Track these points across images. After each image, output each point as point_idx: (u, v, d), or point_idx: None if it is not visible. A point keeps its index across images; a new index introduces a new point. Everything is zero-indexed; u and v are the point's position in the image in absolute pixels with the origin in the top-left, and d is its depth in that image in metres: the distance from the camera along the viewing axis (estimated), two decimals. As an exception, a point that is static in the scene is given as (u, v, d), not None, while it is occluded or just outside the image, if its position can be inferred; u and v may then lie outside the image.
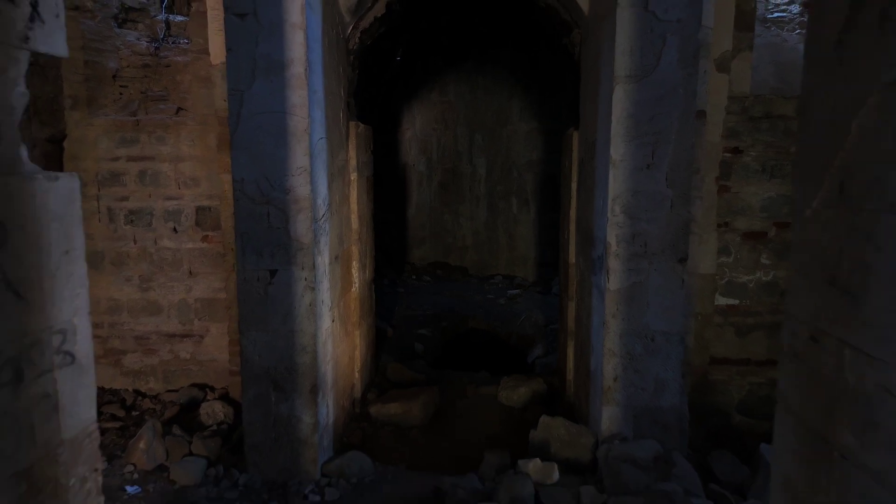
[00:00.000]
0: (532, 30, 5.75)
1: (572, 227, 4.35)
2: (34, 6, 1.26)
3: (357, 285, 4.49)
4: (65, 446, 1.35)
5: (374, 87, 5.93)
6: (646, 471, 3.04)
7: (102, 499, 1.50)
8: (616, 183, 3.25)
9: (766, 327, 4.21)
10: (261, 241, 3.32)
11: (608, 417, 3.39)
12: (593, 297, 3.59)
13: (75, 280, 1.38)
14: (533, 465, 3.14)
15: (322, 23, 3.50)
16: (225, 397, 4.31)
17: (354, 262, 4.44)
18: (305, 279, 3.35)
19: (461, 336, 6.66)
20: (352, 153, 4.36)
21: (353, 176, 4.38)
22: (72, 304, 1.36)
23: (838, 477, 1.15)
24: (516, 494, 2.92)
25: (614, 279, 3.31)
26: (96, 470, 1.46)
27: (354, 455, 3.63)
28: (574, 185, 4.30)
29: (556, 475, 3.12)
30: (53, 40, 1.32)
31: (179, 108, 4.36)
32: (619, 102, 3.20)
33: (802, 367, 1.28)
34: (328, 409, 3.68)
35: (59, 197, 1.32)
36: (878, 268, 1.04)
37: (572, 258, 4.35)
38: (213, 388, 4.47)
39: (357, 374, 4.52)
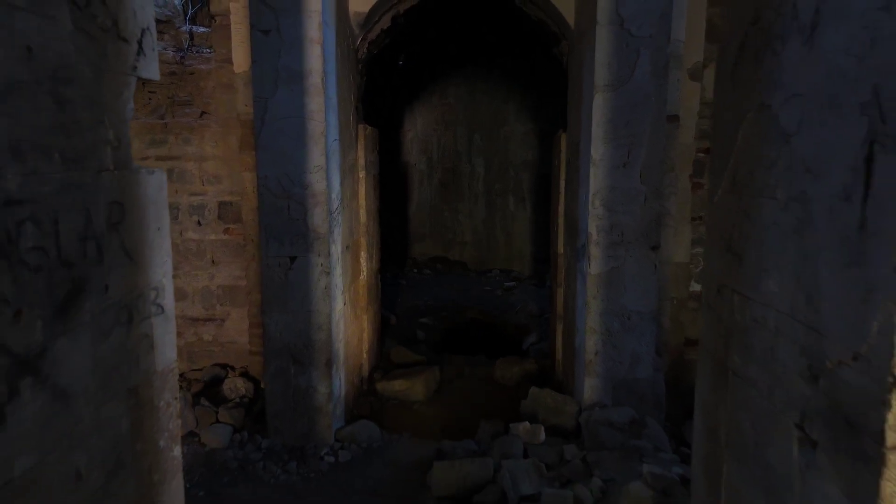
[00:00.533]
0: (529, 38, 6.17)
1: (560, 220, 4.78)
2: (140, 44, 1.68)
3: (365, 274, 4.92)
4: (157, 375, 1.77)
5: (380, 92, 6.35)
6: (621, 431, 3.47)
7: (179, 422, 1.92)
8: (596, 180, 3.68)
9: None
10: (281, 231, 3.75)
11: (590, 387, 3.82)
12: (577, 281, 4.02)
13: (164, 251, 1.80)
14: (522, 427, 3.57)
15: (335, 36, 3.93)
16: (245, 374, 4.74)
17: (363, 253, 4.87)
18: (321, 265, 3.78)
19: (460, 325, 7.08)
20: (360, 153, 4.79)
21: (362, 174, 4.81)
22: (162, 268, 1.79)
23: (731, 390, 1.57)
24: (507, 450, 3.36)
25: (595, 265, 3.73)
26: (175, 399, 1.89)
27: (364, 423, 4.06)
28: (562, 182, 4.73)
29: (542, 436, 3.54)
30: (150, 68, 1.75)
31: (203, 112, 4.78)
32: (599, 109, 3.63)
33: (712, 313, 1.71)
34: (341, 382, 4.11)
35: (154, 187, 1.75)
36: (752, 236, 1.47)
37: (561, 248, 4.78)
38: (233, 368, 4.90)
39: (365, 355, 4.94)
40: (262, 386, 4.54)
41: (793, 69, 1.28)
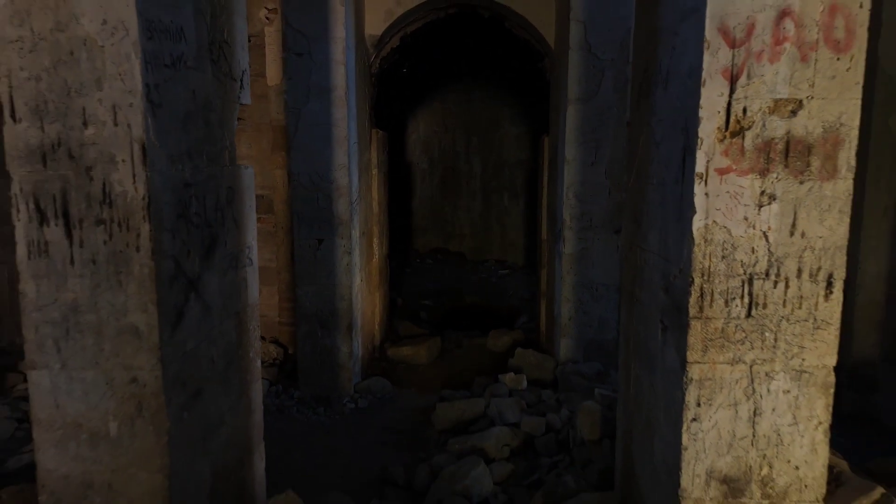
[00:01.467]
0: (519, 53, 6.96)
1: (544, 211, 5.59)
2: (241, 81, 2.49)
3: (377, 257, 5.73)
4: (249, 307, 2.58)
5: (388, 100, 7.15)
6: (589, 380, 4.28)
7: (259, 343, 2.73)
8: (569, 175, 4.49)
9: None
10: (311, 217, 4.55)
11: (565, 347, 4.63)
12: (556, 260, 4.83)
13: (252, 222, 2.61)
14: (508, 377, 4.38)
15: (355, 57, 4.74)
16: (275, 342, 5.54)
17: (375, 239, 5.68)
18: (344, 246, 4.59)
19: (459, 308, 7.88)
20: (373, 154, 5.59)
21: (375, 171, 5.62)
22: (252, 233, 2.60)
23: (635, 311, 2.38)
24: (496, 394, 4.17)
25: (569, 245, 4.55)
26: (258, 325, 2.70)
27: (378, 379, 4.88)
28: (545, 178, 5.54)
29: (524, 384, 4.35)
30: (246, 96, 2.56)
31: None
32: (572, 117, 4.44)
33: (627, 263, 2.52)
34: (358, 345, 4.93)
35: (248, 177, 2.56)
36: (643, 209, 2.28)
37: (544, 235, 5.59)
38: (264, 338, 5.70)
39: (377, 326, 5.75)
40: (290, 351, 5.35)
41: (659, 104, 2.09)
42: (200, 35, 2.10)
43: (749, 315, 1.79)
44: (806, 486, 1.84)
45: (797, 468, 1.84)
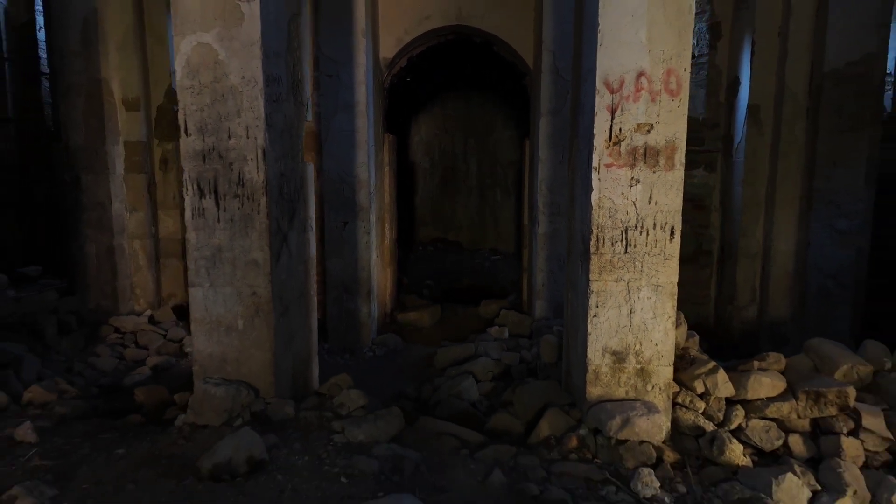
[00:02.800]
0: (506, 71, 8.16)
1: (526, 201, 6.79)
2: (307, 104, 3.70)
3: (388, 240, 6.93)
4: (311, 259, 3.78)
5: (396, 108, 8.34)
6: (557, 334, 5.47)
7: (315, 287, 3.94)
8: (543, 171, 5.69)
9: (648, 265, 6.62)
10: (338, 205, 5.74)
11: (539, 307, 5.83)
12: (533, 240, 6.03)
13: (312, 202, 3.82)
14: (494, 330, 5.58)
15: (373, 77, 5.94)
16: (305, 309, 6.73)
17: (386, 224, 6.88)
18: (363, 227, 5.79)
19: (456, 287, 9.07)
20: (385, 154, 6.79)
21: (386, 169, 6.82)
22: (312, 210, 3.80)
23: (571, 262, 3.58)
24: (483, 339, 5.37)
25: (542, 227, 5.75)
26: (315, 273, 3.89)
27: (391, 335, 6.08)
28: (527, 174, 6.74)
29: (506, 334, 5.55)
30: (308, 115, 3.77)
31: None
32: (544, 126, 5.64)
33: (570, 230, 3.71)
34: (375, 308, 6.13)
35: (310, 170, 3.76)
36: (574, 193, 3.48)
37: (526, 221, 6.79)
38: (295, 306, 6.89)
39: (388, 296, 6.96)
40: (318, 316, 6.54)
41: (579, 125, 3.29)
42: (288, 79, 3.31)
43: (626, 252, 3.00)
44: (662, 355, 3.05)
45: (656, 345, 3.04)
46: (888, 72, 7.25)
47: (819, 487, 2.80)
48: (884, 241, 6.33)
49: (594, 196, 2.98)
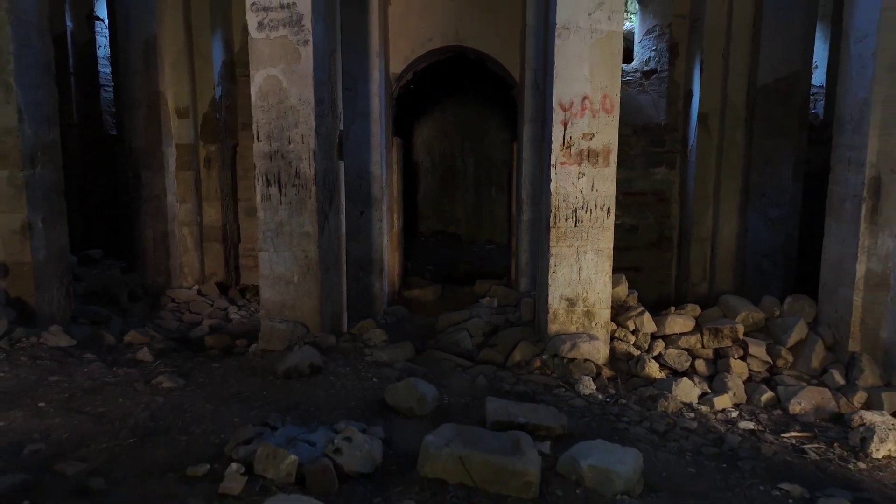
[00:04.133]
0: (500, 82, 9.31)
1: (514, 195, 7.94)
2: (339, 117, 4.85)
3: (396, 227, 8.08)
4: (342, 235, 4.94)
5: (402, 113, 9.49)
6: (534, 298, 6.62)
7: (344, 258, 5.09)
8: (526, 169, 6.83)
9: (616, 249, 7.76)
10: (356, 196, 6.88)
11: (523, 283, 6.98)
12: (518, 227, 7.18)
13: (343, 191, 4.97)
14: (485, 300, 6.72)
15: (385, 90, 7.09)
16: (325, 286, 7.87)
17: (395, 215, 8.03)
18: (377, 216, 6.93)
19: (455, 273, 10.22)
20: (394, 154, 7.94)
21: (395, 167, 7.97)
22: (343, 197, 4.95)
23: (535, 229, 4.73)
24: (476, 307, 6.52)
25: (525, 215, 6.90)
26: (344, 248, 5.05)
27: (399, 307, 7.23)
28: (515, 172, 7.89)
29: (496, 304, 6.69)
30: (340, 124, 4.92)
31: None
32: (527, 132, 6.78)
33: (532, 201, 4.86)
34: (385, 284, 7.28)
35: (342, 167, 4.91)
36: (541, 185, 4.63)
37: (514, 212, 7.94)
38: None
39: (396, 277, 8.11)
40: (337, 292, 7.67)
41: (545, 133, 4.44)
42: (329, 100, 4.47)
43: (576, 226, 4.15)
44: (602, 301, 4.20)
45: (598, 293, 4.20)
46: (819, 85, 8.42)
47: (710, 391, 3.95)
48: (813, 229, 7.47)
49: (553, 185, 4.14)
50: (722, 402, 3.81)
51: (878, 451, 3.23)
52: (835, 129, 4.35)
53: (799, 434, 3.49)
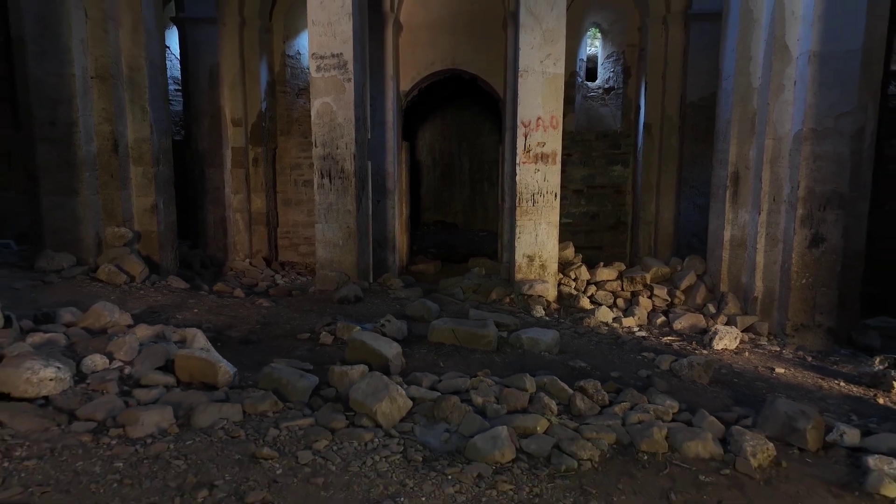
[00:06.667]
0: (489, 97, 11.20)
1: (499, 187, 9.83)
2: (368, 129, 6.76)
3: (405, 214, 9.99)
4: (370, 214, 6.85)
5: (409, 122, 11.39)
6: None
7: (370, 230, 7.01)
8: (507, 167, 8.73)
9: (582, 232, 9.68)
10: (375, 188, 8.76)
11: (505, 257, 8.87)
12: (502, 213, 9.08)
13: (370, 182, 6.88)
14: (475, 269, 8.62)
15: (397, 104, 8.99)
16: (348, 261, 9.76)
17: (403, 204, 9.94)
18: (391, 204, 8.83)
19: (452, 255, 12.11)
20: (402, 155, 9.85)
21: (403, 166, 9.87)
22: (369, 188, 6.86)
23: (511, 211, 6.63)
24: (468, 273, 8.43)
25: (506, 203, 8.79)
26: (371, 224, 6.96)
27: (407, 276, 9.14)
28: (501, 168, 9.79)
29: (483, 272, 8.60)
30: (368, 133, 6.83)
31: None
32: (508, 137, 8.67)
33: (507, 187, 6.76)
34: (397, 258, 9.20)
35: (368, 165, 6.82)
36: (510, 179, 6.53)
37: (499, 201, 9.83)
38: (340, 260, 9.91)
39: (404, 254, 10.02)
40: (357, 266, 9.57)
41: (516, 141, 6.35)
42: (363, 117, 6.37)
43: (533, 205, 6.05)
44: (552, 257, 6.11)
45: (549, 252, 6.10)
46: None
47: (622, 316, 5.86)
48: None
49: (518, 178, 6.04)
50: (628, 322, 5.70)
51: (718, 345, 5.12)
52: (714, 139, 6.26)
53: (673, 338, 5.40)
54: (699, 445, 2.84)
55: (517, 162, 6.03)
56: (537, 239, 6.09)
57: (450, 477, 2.43)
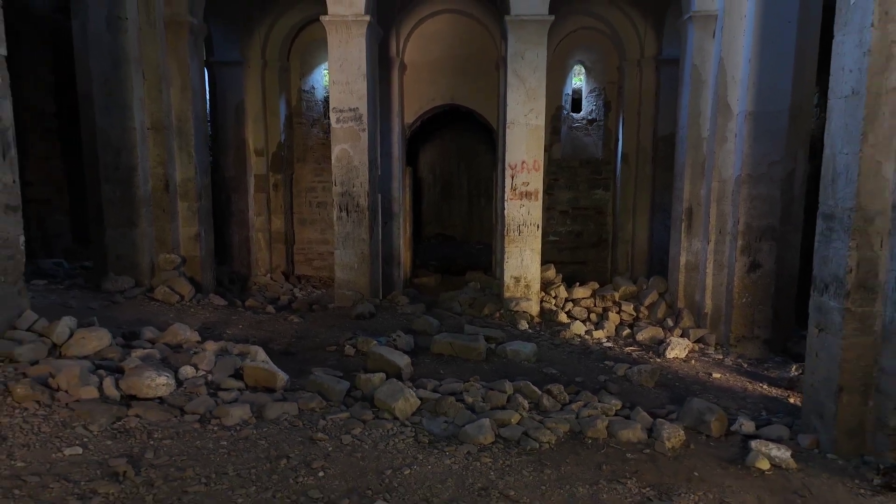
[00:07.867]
0: (484, 127, 12.29)
1: (494, 207, 10.93)
2: (379, 169, 7.87)
3: (408, 232, 11.09)
4: (380, 238, 7.95)
5: (412, 146, 12.48)
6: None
7: (380, 253, 8.11)
8: (499, 192, 9.82)
9: (568, 249, 10.78)
10: (383, 212, 9.87)
11: (498, 272, 9.98)
12: (495, 234, 10.16)
13: (380, 212, 7.99)
14: (471, 285, 9.72)
15: (402, 136, 10.08)
16: (357, 275, 10.86)
17: (407, 224, 11.04)
18: (396, 225, 9.94)
19: (452, 266, 13.21)
20: (406, 180, 10.95)
21: (406, 189, 10.97)
22: (379, 218, 7.97)
23: (500, 238, 7.73)
24: (465, 288, 9.53)
25: (498, 227, 9.89)
26: (379, 239, 8.05)
27: (411, 289, 10.24)
28: (495, 191, 10.88)
29: (479, 286, 9.70)
30: (379, 167, 7.93)
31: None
32: (500, 167, 9.76)
33: (503, 225, 7.87)
34: (402, 273, 10.30)
35: (379, 198, 7.92)
36: (502, 208, 7.63)
37: (494, 223, 10.92)
38: (350, 274, 11.01)
39: (408, 268, 11.12)
40: (366, 279, 10.67)
41: (505, 180, 7.45)
42: (375, 160, 7.48)
43: (519, 234, 7.16)
44: (535, 279, 7.21)
45: (533, 274, 7.20)
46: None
47: (594, 329, 6.96)
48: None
49: (506, 212, 7.14)
50: (598, 334, 6.80)
51: (670, 354, 6.21)
52: (674, 178, 7.36)
53: (634, 348, 6.50)
54: (630, 433, 3.91)
55: (505, 198, 7.12)
56: (522, 263, 7.19)
57: (447, 453, 3.52)
